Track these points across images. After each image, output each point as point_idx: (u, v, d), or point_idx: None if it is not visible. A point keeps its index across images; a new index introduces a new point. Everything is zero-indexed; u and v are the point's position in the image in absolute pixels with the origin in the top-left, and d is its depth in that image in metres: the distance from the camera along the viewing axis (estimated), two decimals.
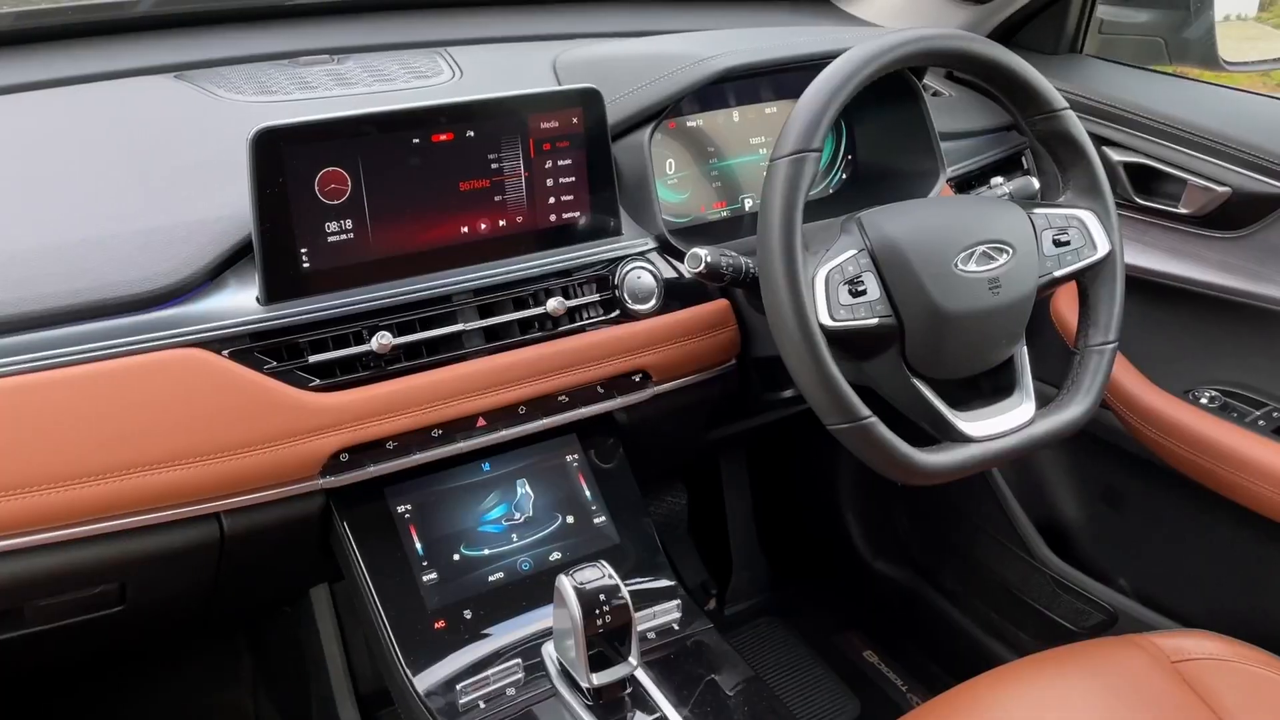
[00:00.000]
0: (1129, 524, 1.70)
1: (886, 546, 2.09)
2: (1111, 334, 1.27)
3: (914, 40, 1.15)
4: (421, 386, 1.11)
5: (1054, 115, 1.25)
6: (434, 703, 1.07)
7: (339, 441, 1.07)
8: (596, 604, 1.03)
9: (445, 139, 1.12)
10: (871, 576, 2.09)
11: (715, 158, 1.45)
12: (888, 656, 2.01)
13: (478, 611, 1.15)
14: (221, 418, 1.02)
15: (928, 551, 2.01)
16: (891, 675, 1.97)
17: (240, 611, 1.45)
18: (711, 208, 1.46)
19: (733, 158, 1.46)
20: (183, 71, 1.33)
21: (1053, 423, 1.22)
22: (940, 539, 1.97)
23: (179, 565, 1.10)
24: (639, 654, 1.07)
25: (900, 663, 2.00)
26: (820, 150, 1.12)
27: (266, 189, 1.03)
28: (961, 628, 1.94)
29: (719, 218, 1.46)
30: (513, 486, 1.23)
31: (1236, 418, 1.45)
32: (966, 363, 1.20)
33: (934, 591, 2.00)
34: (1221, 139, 1.42)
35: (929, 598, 2.00)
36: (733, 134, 1.47)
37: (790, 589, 2.17)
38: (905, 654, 2.01)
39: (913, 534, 2.03)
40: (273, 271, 1.05)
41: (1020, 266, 1.20)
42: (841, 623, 2.09)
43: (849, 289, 1.12)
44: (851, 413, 1.11)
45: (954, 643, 1.95)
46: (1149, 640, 1.28)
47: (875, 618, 2.09)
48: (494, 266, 1.17)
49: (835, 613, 2.11)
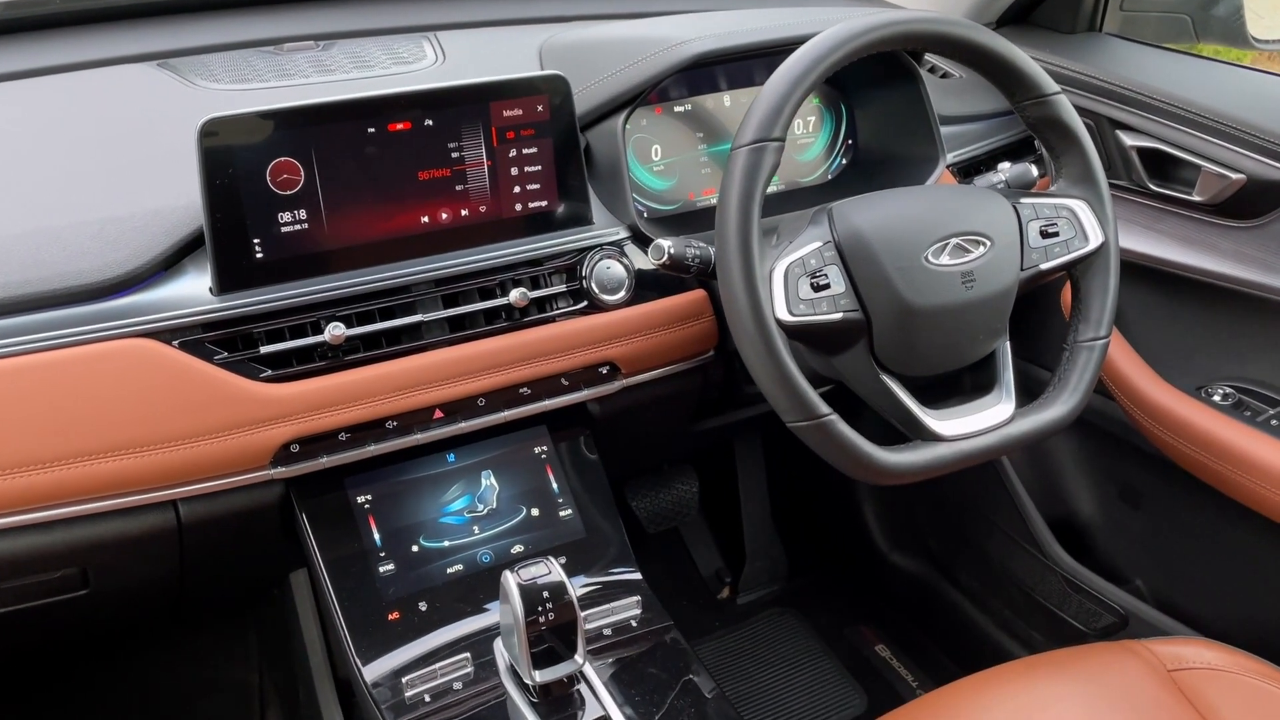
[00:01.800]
0: (1145, 524, 1.64)
1: (904, 539, 2.05)
2: (1103, 329, 1.22)
3: (883, 25, 1.10)
4: (375, 378, 1.10)
5: (1044, 100, 1.20)
6: (380, 695, 1.08)
7: (289, 432, 1.07)
8: (539, 601, 1.01)
9: (402, 128, 1.11)
10: (887, 569, 2.05)
11: (705, 143, 1.42)
12: (900, 651, 1.97)
13: (433, 604, 1.14)
14: (169, 408, 1.02)
15: (945, 545, 1.96)
16: (903, 670, 1.93)
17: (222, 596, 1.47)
18: (701, 194, 1.43)
19: (724, 143, 1.43)
20: (166, 60, 1.33)
21: (1033, 422, 1.17)
22: (957, 533, 1.92)
23: (139, 551, 1.11)
24: (586, 651, 1.05)
25: (913, 658, 1.96)
26: (782, 139, 1.08)
27: (216, 180, 1.03)
28: (977, 624, 1.89)
29: (709, 204, 1.43)
30: (477, 478, 1.22)
31: (1249, 417, 1.38)
32: (941, 359, 1.16)
33: (950, 586, 1.95)
34: (1236, 123, 1.35)
35: (945, 592, 1.95)
36: (724, 118, 1.43)
37: (805, 579, 2.14)
38: (919, 649, 1.97)
39: (930, 527, 1.99)
40: (224, 262, 1.05)
41: (998, 259, 1.15)
42: (856, 615, 2.06)
43: (811, 283, 1.09)
44: (810, 410, 1.08)
45: (968, 639, 1.90)
46: (1146, 647, 1.23)
47: (890, 611, 2.05)
48: (456, 256, 1.16)
49: (850, 605, 2.08)
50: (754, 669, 1.93)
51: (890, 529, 2.07)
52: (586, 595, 1.19)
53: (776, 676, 1.91)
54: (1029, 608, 1.77)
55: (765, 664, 1.94)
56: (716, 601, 2.10)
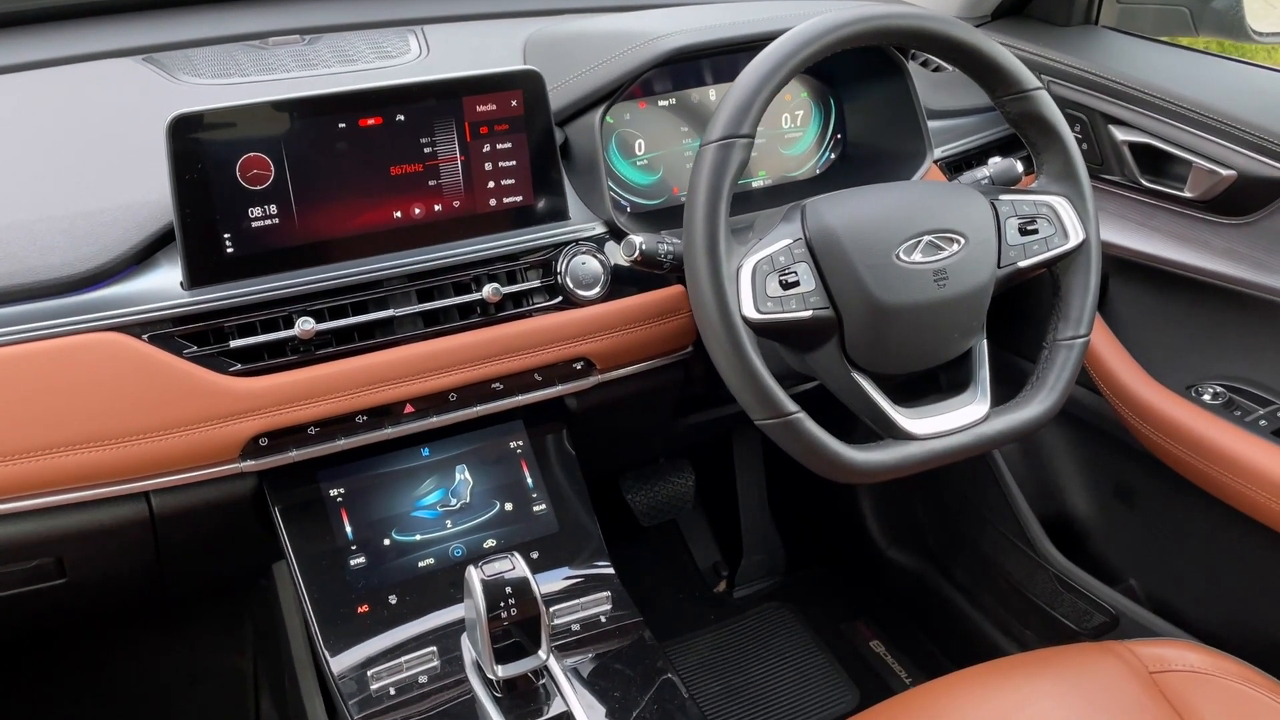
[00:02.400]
0: (1139, 523, 1.62)
1: (902, 535, 2.04)
2: (1083, 328, 1.20)
3: (856, 21, 1.09)
4: (345, 372, 1.11)
5: (1024, 96, 1.18)
6: (346, 686, 1.08)
7: (257, 426, 1.08)
8: (502, 596, 1.02)
9: (374, 123, 1.11)
10: (885, 564, 2.04)
11: (690, 137, 1.41)
12: (895, 648, 1.96)
13: (404, 597, 1.15)
14: (138, 401, 1.03)
15: (942, 542, 1.95)
16: (896, 667, 1.92)
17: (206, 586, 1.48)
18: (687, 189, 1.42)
19: None
20: (152, 54, 1.34)
21: (1008, 422, 1.16)
22: (954, 530, 1.91)
23: (113, 542, 1.12)
24: (549, 647, 1.06)
25: (908, 654, 1.95)
26: (751, 136, 1.07)
27: (185, 175, 1.04)
28: (972, 621, 1.88)
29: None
30: (451, 472, 1.22)
31: (1239, 416, 1.36)
32: (914, 358, 1.15)
33: (946, 583, 1.94)
34: (1227, 119, 1.32)
35: (941, 589, 1.94)
36: (708, 113, 1.42)
37: (803, 573, 2.14)
38: (914, 645, 1.96)
39: (928, 523, 1.98)
40: (194, 256, 1.06)
41: (972, 257, 1.14)
42: (852, 610, 2.05)
43: (779, 280, 1.08)
44: (777, 408, 1.07)
45: (963, 636, 1.89)
46: (1129, 648, 1.22)
47: (887, 607, 2.04)
48: (430, 251, 1.16)
49: (846, 600, 2.07)
50: (747, 663, 1.93)
51: (888, 524, 2.06)
52: (557, 590, 1.19)
53: (769, 671, 1.91)
54: (1022, 606, 1.76)
55: (758, 658, 1.94)
56: (712, 595, 2.10)
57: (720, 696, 1.86)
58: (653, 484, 2.04)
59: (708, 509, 2.19)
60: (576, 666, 1.12)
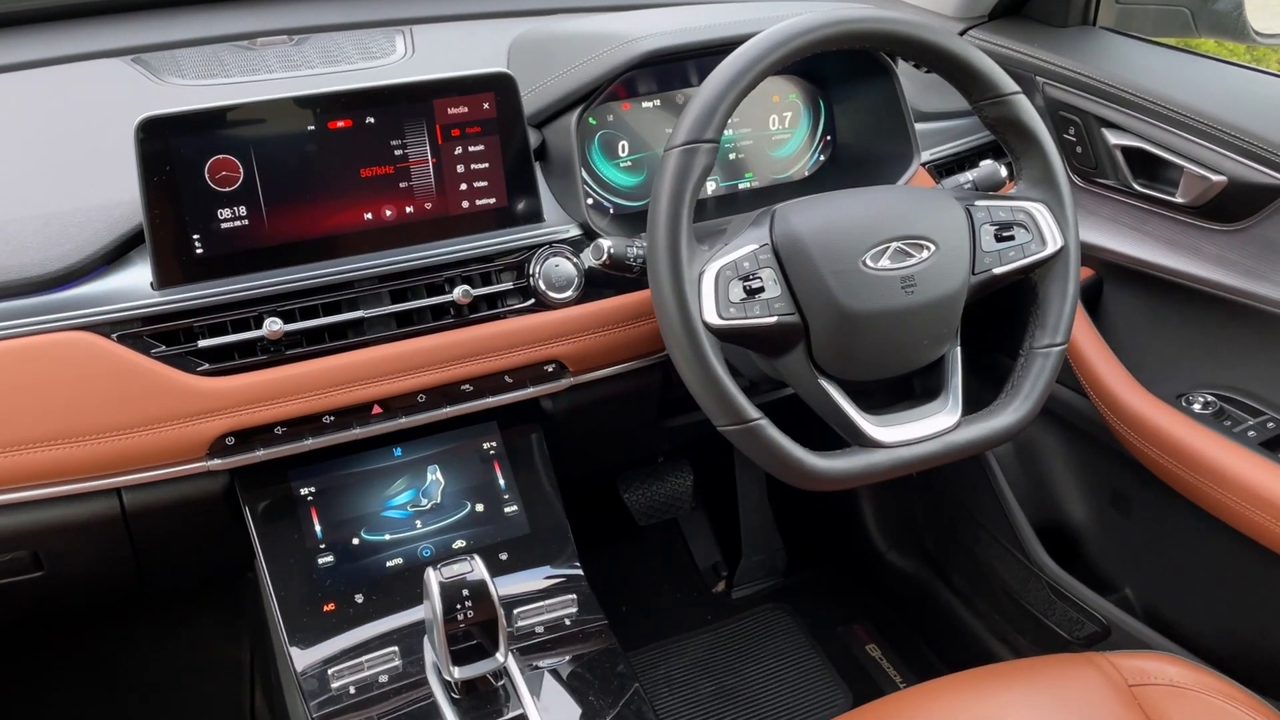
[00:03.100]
0: (1135, 532, 1.59)
1: (901, 538, 2.02)
2: (1059, 336, 1.19)
3: (825, 24, 1.08)
4: (312, 373, 1.12)
5: (1001, 100, 1.17)
6: (308, 684, 1.09)
7: (224, 425, 1.09)
8: (459, 599, 1.03)
9: (343, 125, 1.12)
10: (884, 567, 2.03)
11: None
12: (891, 652, 1.95)
13: (370, 596, 1.16)
14: (106, 399, 1.05)
15: (940, 546, 1.93)
16: (891, 671, 1.91)
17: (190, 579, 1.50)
18: None
19: None
20: (141, 55, 1.36)
21: (979, 430, 1.15)
22: (951, 534, 1.89)
23: (87, 536, 1.14)
24: (508, 650, 1.06)
25: (904, 658, 1.94)
26: (715, 141, 1.07)
27: (154, 177, 1.05)
28: (968, 626, 1.86)
29: None
30: (423, 472, 1.23)
31: (1229, 427, 1.33)
32: (883, 365, 1.14)
33: (944, 587, 1.92)
34: (1218, 123, 1.30)
35: (938, 593, 1.93)
36: None
37: (802, 575, 2.13)
38: (911, 650, 1.95)
39: (927, 527, 1.96)
40: (163, 257, 1.07)
41: (943, 264, 1.13)
42: (850, 613, 2.04)
43: (743, 286, 1.07)
44: (738, 414, 1.07)
45: (959, 641, 1.88)
46: (1110, 660, 1.21)
47: (885, 610, 2.03)
48: (401, 253, 1.16)
49: (845, 602, 2.06)
50: (741, 664, 1.93)
51: (888, 527, 2.04)
52: (523, 592, 1.20)
53: (763, 672, 1.90)
54: (1016, 613, 1.74)
55: (753, 659, 1.93)
56: (711, 595, 2.10)
57: (713, 697, 1.86)
58: (650, 484, 2.04)
59: (709, 509, 2.18)
60: (538, 669, 1.12)
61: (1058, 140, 1.52)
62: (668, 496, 2.05)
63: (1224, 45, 1.60)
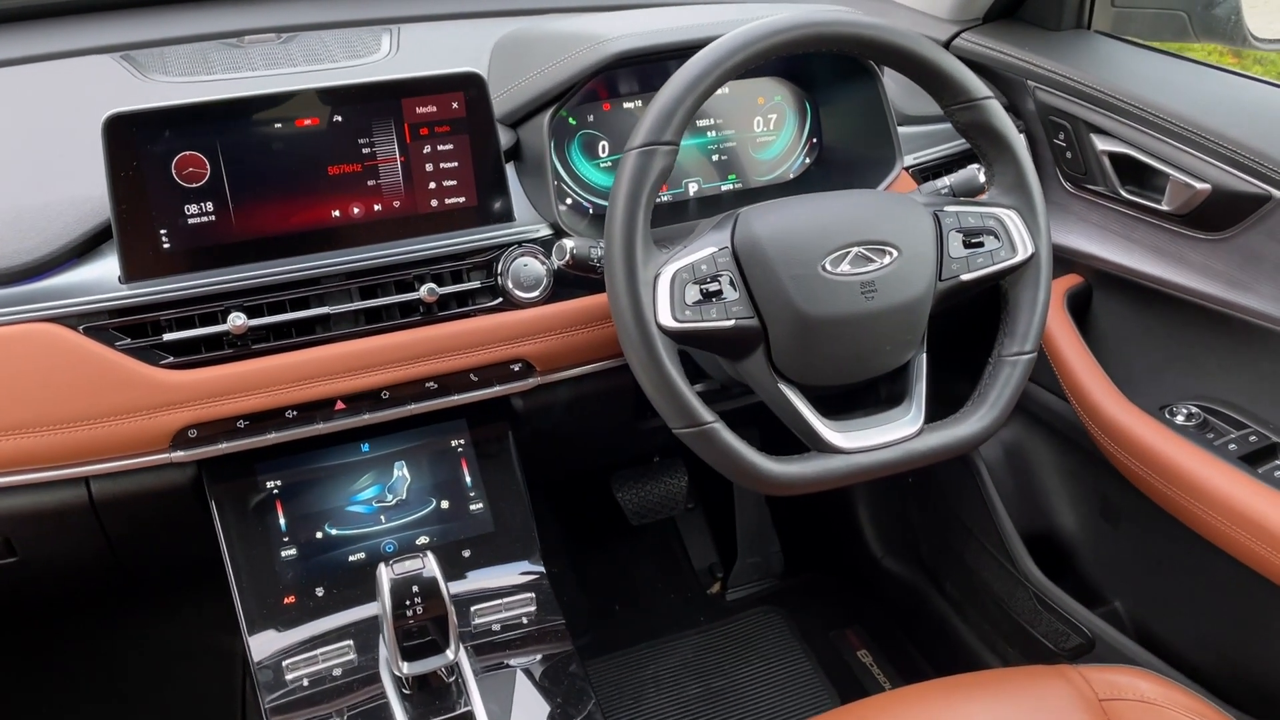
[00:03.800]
0: (1123, 544, 1.57)
1: (897, 544, 2.01)
2: (1029, 344, 1.17)
3: (789, 27, 1.08)
4: (275, 368, 1.13)
5: (972, 105, 1.16)
6: (263, 675, 1.11)
7: (186, 418, 1.11)
8: (408, 595, 1.03)
9: (310, 123, 1.13)
10: (880, 573, 2.02)
11: None
12: (882, 658, 1.94)
13: (331, 590, 1.17)
14: (71, 390, 1.07)
15: (934, 553, 1.91)
16: (881, 677, 1.90)
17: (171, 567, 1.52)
18: None
19: None
20: (130, 52, 1.38)
21: (942, 438, 1.14)
22: (944, 542, 1.87)
23: (57, 524, 1.16)
24: (459, 647, 1.07)
25: (895, 665, 1.92)
26: (674, 144, 1.06)
27: (120, 172, 1.06)
28: (959, 635, 1.85)
29: (659, 201, 1.42)
30: (389, 468, 1.24)
31: (1211, 439, 1.31)
32: (845, 370, 1.13)
33: (937, 595, 1.91)
34: (1203, 130, 1.27)
35: (932, 601, 1.91)
36: None
37: (798, 579, 2.12)
38: (902, 657, 1.93)
39: (922, 534, 1.94)
40: (130, 251, 1.09)
41: (906, 270, 1.12)
42: (843, 618, 2.03)
43: (700, 289, 1.07)
44: (693, 417, 1.07)
45: (951, 650, 1.86)
46: (1083, 674, 1.19)
47: (878, 616, 2.01)
48: (368, 250, 1.17)
49: (839, 608, 2.05)
50: (730, 666, 1.92)
51: (884, 533, 2.03)
52: (482, 589, 1.20)
53: (752, 675, 1.90)
54: (1005, 623, 1.72)
55: (743, 661, 1.93)
56: (705, 596, 2.10)
57: (698, 699, 1.85)
58: (644, 484, 2.04)
59: (706, 510, 2.18)
60: (491, 667, 1.13)
61: (1048, 145, 1.50)
62: (661, 497, 2.05)
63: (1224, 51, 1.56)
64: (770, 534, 2.14)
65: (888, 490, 2.01)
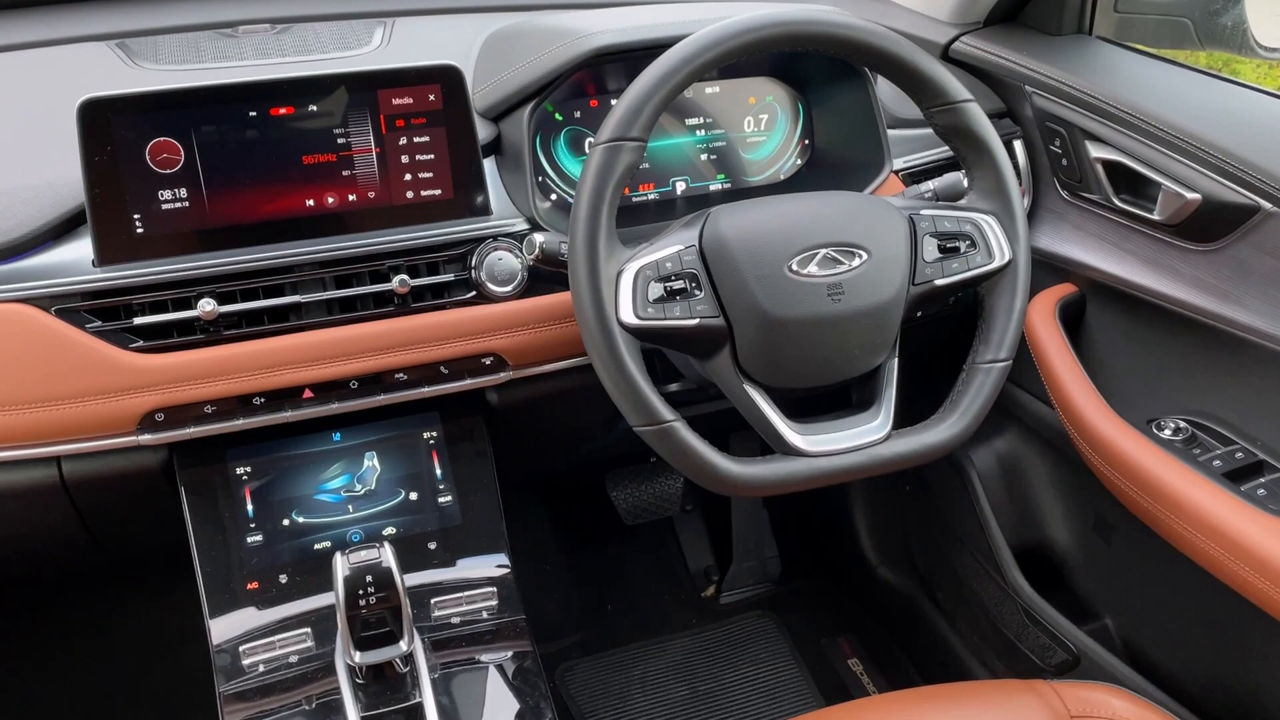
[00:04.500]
0: (1115, 560, 1.54)
1: (893, 553, 1.99)
2: (1003, 352, 1.15)
3: (761, 25, 1.06)
4: (244, 354, 1.14)
5: (951, 108, 1.14)
6: (220, 659, 1.12)
7: (153, 402, 1.12)
8: (361, 584, 1.04)
9: (285, 112, 1.14)
10: (875, 582, 2.00)
11: None
12: (873, 667, 1.92)
13: (294, 578, 1.18)
14: (44, 371, 1.08)
15: (929, 564, 1.89)
16: (870, 687, 1.88)
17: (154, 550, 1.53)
18: (638, 189, 1.41)
19: (662, 138, 1.41)
20: (125, 40, 1.40)
21: (909, 444, 1.12)
22: (938, 553, 1.85)
23: (29, 502, 1.18)
24: (412, 638, 1.07)
25: (885, 675, 1.90)
26: (642, 140, 1.06)
27: (95, 156, 1.08)
28: (950, 646, 1.82)
29: (645, 200, 1.42)
30: (360, 458, 1.25)
31: (1197, 455, 1.28)
32: (812, 373, 1.12)
33: (931, 606, 1.88)
34: (1194, 139, 1.24)
35: (925, 611, 1.89)
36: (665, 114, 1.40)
37: (794, 585, 2.10)
38: (893, 666, 1.91)
39: (917, 543, 1.92)
40: (104, 235, 1.10)
41: (875, 272, 1.10)
42: (837, 626, 2.01)
43: (663, 287, 1.06)
44: (652, 415, 1.06)
45: (942, 661, 1.84)
46: (1052, 689, 1.18)
47: (872, 625, 1.99)
48: (341, 240, 1.18)
49: (833, 615, 2.03)
50: (719, 669, 1.91)
51: (880, 541, 2.01)
52: (445, 582, 1.20)
53: (740, 679, 1.89)
54: (994, 636, 1.70)
55: (732, 665, 1.92)
56: (700, 598, 2.09)
57: (684, 701, 1.85)
58: (640, 483, 2.03)
59: (705, 512, 2.17)
60: (446, 660, 1.13)
61: (1045, 152, 1.48)
62: (656, 497, 2.04)
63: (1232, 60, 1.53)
64: (768, 539, 2.12)
65: (885, 499, 1.99)
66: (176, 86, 1.09)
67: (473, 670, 1.12)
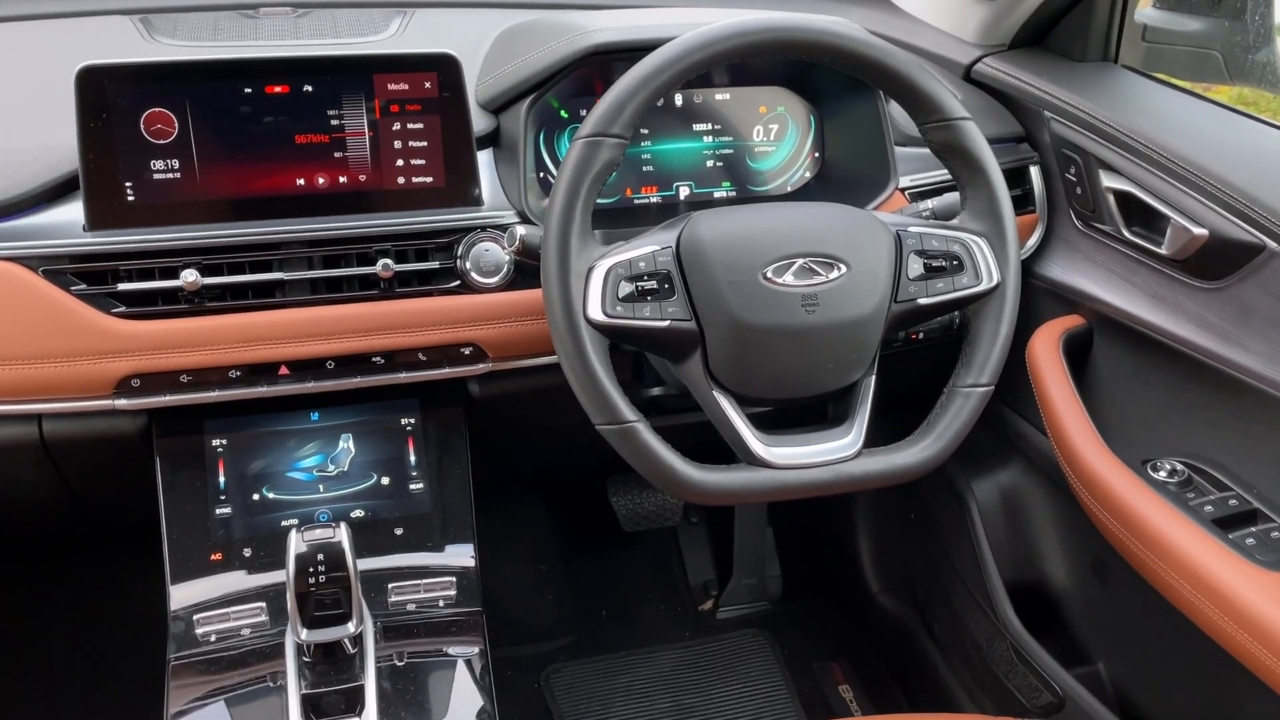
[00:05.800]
0: (1111, 602, 1.49)
1: (894, 581, 1.95)
2: (985, 377, 1.13)
3: (752, 30, 1.05)
4: (223, 326, 1.15)
5: (947, 125, 1.12)
6: (175, 627, 1.13)
7: (129, 367, 1.13)
8: (313, 562, 1.04)
9: (280, 91, 1.15)
10: (874, 608, 1.96)
11: (648, 140, 1.40)
12: (863, 696, 1.88)
13: (259, 552, 1.18)
14: (26, 329, 1.10)
15: (928, 593, 1.85)
16: (859, 715, 1.84)
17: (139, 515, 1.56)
18: (640, 191, 1.41)
19: (668, 141, 1.40)
20: (148, 15, 1.43)
21: (878, 464, 1.10)
22: (936, 583, 1.81)
23: (12, 458, 1.20)
24: (360, 620, 1.07)
25: (875, 704, 1.87)
26: (624, 138, 1.05)
27: (90, 123, 1.10)
28: (943, 680, 1.78)
29: (647, 202, 1.41)
30: (335, 439, 1.25)
31: (1191, 498, 1.23)
32: (783, 384, 1.10)
33: (926, 636, 1.84)
34: (1203, 173, 1.21)
35: (921, 642, 1.85)
36: (671, 117, 1.40)
37: (793, 605, 2.07)
38: (884, 696, 1.87)
39: (917, 571, 1.88)
40: (95, 200, 1.12)
41: (853, 286, 1.08)
42: (832, 650, 1.97)
43: (634, 286, 1.05)
44: (614, 414, 1.05)
45: (932, 694, 1.80)
46: None
47: (866, 652, 1.95)
48: (329, 220, 1.18)
49: (829, 639, 2.00)
50: (707, 684, 1.89)
51: (882, 568, 1.97)
52: (406, 567, 1.20)
53: (725, 695, 1.86)
54: (984, 672, 1.66)
55: (720, 681, 1.89)
56: (696, 612, 2.06)
57: (666, 712, 1.82)
58: (641, 491, 2.02)
59: (710, 525, 2.15)
60: (396, 645, 1.12)
61: (1059, 179, 1.45)
62: (657, 506, 2.02)
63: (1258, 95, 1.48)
64: (772, 558, 2.09)
65: (890, 525, 1.95)
66: (173, 59, 1.11)
67: (420, 659, 1.12)
